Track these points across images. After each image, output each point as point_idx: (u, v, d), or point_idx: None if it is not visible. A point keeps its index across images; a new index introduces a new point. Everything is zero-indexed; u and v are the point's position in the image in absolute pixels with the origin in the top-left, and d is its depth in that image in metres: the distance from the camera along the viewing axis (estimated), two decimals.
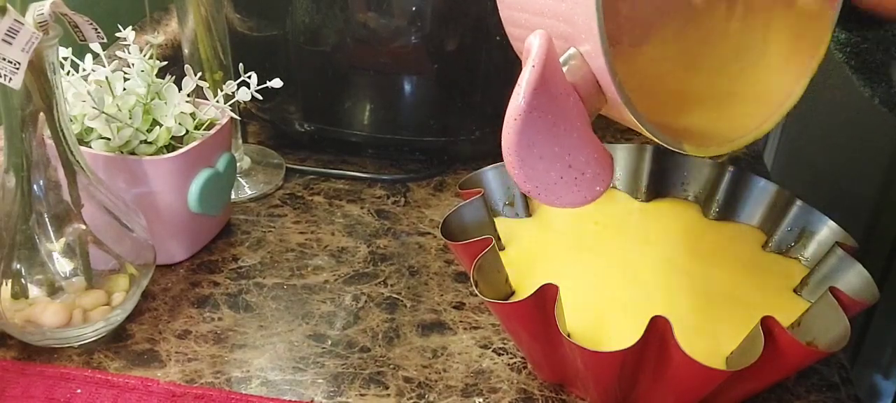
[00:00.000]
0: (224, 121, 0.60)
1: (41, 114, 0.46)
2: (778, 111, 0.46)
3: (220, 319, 0.55)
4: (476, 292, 0.45)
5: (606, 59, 0.36)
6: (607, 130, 0.79)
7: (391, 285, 0.59)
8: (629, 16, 0.49)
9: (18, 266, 0.49)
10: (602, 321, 0.48)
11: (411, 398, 0.49)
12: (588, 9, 0.36)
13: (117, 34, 0.57)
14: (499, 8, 0.45)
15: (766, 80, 0.46)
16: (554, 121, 0.37)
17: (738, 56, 0.48)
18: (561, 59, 0.38)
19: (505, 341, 0.53)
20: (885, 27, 0.46)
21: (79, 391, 0.48)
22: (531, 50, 0.36)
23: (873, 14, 0.45)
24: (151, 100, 0.56)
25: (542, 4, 0.40)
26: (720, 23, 0.50)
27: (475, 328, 0.55)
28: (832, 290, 0.44)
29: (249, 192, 0.69)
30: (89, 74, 0.56)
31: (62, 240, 0.50)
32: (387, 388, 0.49)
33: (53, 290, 0.50)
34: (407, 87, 0.70)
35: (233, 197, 0.67)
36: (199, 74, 0.59)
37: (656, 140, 0.41)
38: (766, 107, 0.46)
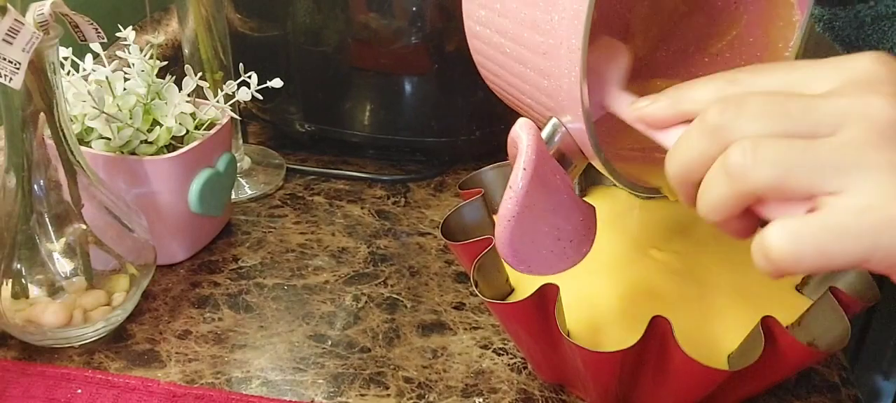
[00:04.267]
0: (224, 121, 0.60)
1: (41, 114, 0.46)
2: None
3: (220, 319, 0.55)
4: (476, 292, 0.45)
5: (589, 131, 0.37)
6: None
7: (391, 285, 0.59)
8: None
9: (19, 266, 0.49)
10: (602, 321, 0.48)
11: (411, 398, 0.49)
12: (572, 92, 0.36)
13: (118, 34, 0.58)
14: (474, 60, 0.46)
15: None
16: (543, 206, 0.38)
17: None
18: (544, 135, 0.38)
19: (505, 341, 0.53)
20: (855, 6, 0.47)
21: (79, 391, 0.48)
22: (520, 146, 0.37)
23: None
24: (152, 100, 0.56)
25: (522, 74, 0.40)
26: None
27: (475, 328, 0.55)
28: (832, 290, 0.44)
29: (250, 192, 0.69)
30: (89, 74, 0.56)
31: (62, 240, 0.50)
32: (387, 388, 0.49)
33: (54, 290, 0.50)
34: (407, 88, 0.70)
35: (233, 197, 0.67)
36: (200, 74, 0.59)
37: (635, 193, 0.41)
38: None
